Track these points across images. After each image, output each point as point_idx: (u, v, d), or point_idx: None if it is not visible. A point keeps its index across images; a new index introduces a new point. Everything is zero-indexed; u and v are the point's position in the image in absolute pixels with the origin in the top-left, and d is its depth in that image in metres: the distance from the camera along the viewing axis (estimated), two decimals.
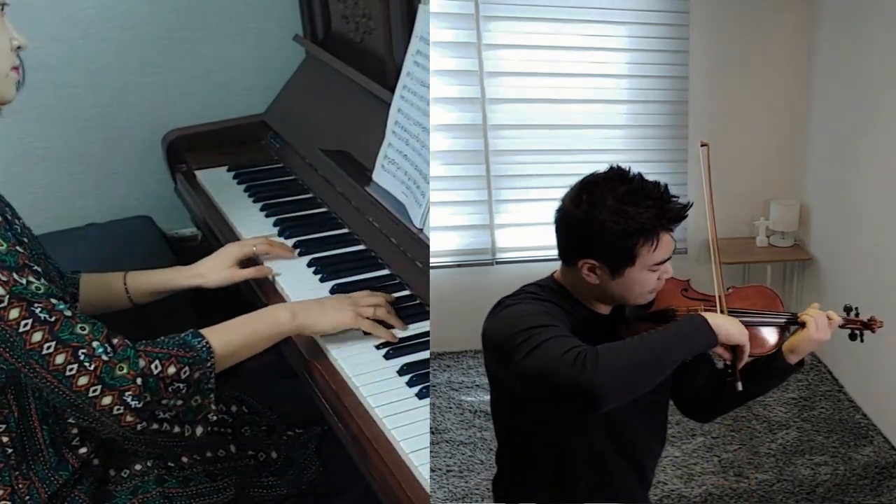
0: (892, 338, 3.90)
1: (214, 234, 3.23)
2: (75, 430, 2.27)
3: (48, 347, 1.98)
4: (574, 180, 2.11)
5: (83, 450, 2.28)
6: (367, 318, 2.47)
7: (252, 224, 3.15)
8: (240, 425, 2.60)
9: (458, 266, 4.87)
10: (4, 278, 1.95)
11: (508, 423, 2.27)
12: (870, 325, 2.41)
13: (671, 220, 2.05)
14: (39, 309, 1.98)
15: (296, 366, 2.53)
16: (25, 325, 1.97)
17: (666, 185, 2.08)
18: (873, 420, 4.21)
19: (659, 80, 4.97)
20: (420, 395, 2.29)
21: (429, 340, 2.51)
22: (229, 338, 2.26)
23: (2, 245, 1.97)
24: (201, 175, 3.51)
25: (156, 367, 2.06)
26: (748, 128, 4.98)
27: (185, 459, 2.41)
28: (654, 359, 1.89)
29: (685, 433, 4.09)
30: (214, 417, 2.20)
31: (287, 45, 3.78)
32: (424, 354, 2.45)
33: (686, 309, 2.22)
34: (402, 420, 2.22)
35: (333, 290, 2.74)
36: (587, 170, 2.10)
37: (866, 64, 4.16)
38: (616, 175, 2.08)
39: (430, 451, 2.15)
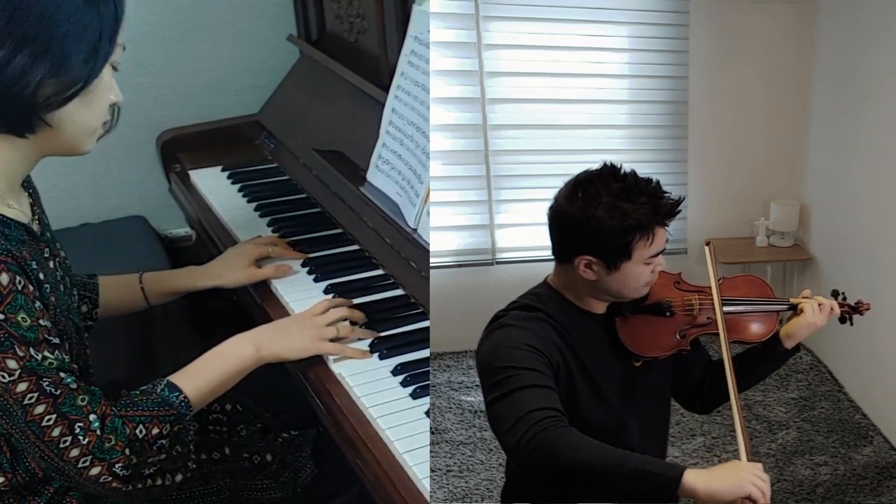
0: (893, 337, 3.92)
1: (209, 234, 3.23)
2: None
3: (48, 420, 1.98)
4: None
5: None
6: (332, 337, 2.46)
7: (246, 224, 3.15)
8: (234, 424, 2.60)
9: (458, 266, 4.86)
10: (21, 353, 1.95)
11: None
12: (858, 308, 2.47)
13: (665, 216, 2.09)
14: (47, 383, 1.98)
15: (290, 366, 2.52)
16: (31, 398, 1.97)
17: (658, 181, 2.12)
18: (873, 420, 4.19)
19: (659, 80, 4.96)
20: (414, 396, 2.29)
21: (424, 339, 2.51)
22: (203, 383, 2.24)
23: (26, 320, 1.96)
24: (195, 175, 3.51)
25: (140, 432, 2.07)
26: (748, 128, 4.97)
27: None
28: (599, 480, 1.81)
29: (685, 433, 4.09)
30: (194, 465, 2.25)
31: (281, 44, 3.78)
32: (420, 354, 2.45)
33: (681, 300, 2.29)
34: (397, 420, 2.22)
35: (327, 290, 2.74)
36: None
37: (866, 65, 4.15)
38: (609, 172, 2.11)
39: (430, 451, 2.14)
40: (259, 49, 3.91)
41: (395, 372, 2.38)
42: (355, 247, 2.98)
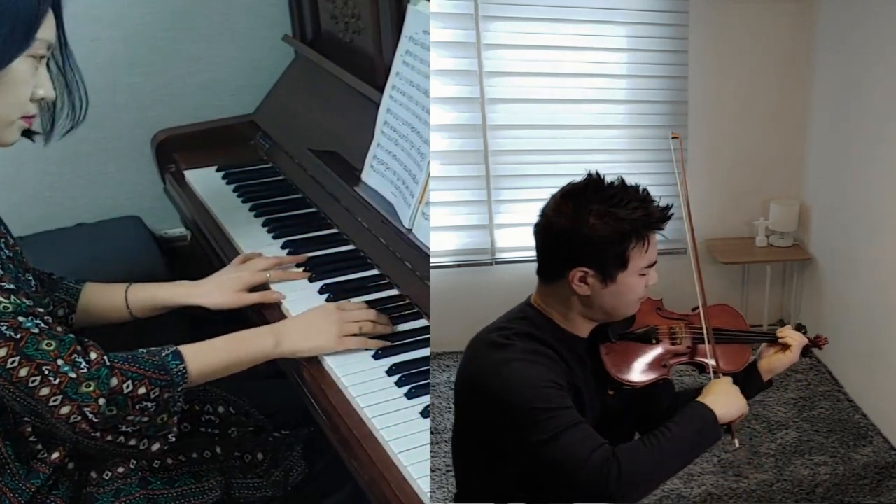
0: (893, 338, 3.91)
1: (204, 234, 3.24)
2: (39, 446, 2.28)
3: (12, 362, 2.01)
4: (575, 180, 2.10)
5: (55, 455, 2.28)
6: (354, 333, 2.47)
7: (241, 224, 3.15)
8: (226, 426, 2.59)
9: (458, 266, 4.85)
10: None
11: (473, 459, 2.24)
12: (816, 342, 2.44)
13: (659, 220, 2.05)
14: (5, 327, 2.00)
15: (285, 366, 2.53)
16: None
17: (646, 188, 2.07)
18: (873, 420, 4.19)
19: (659, 80, 4.94)
20: (409, 396, 2.29)
21: (421, 339, 2.52)
22: (209, 361, 2.28)
23: None
24: (190, 175, 3.51)
25: (127, 387, 2.08)
26: (748, 128, 4.96)
27: (169, 461, 2.41)
28: (673, 467, 1.99)
29: None
30: (174, 438, 2.22)
31: (276, 45, 3.79)
32: (415, 354, 2.46)
33: (667, 328, 2.26)
34: (392, 420, 2.23)
35: (323, 290, 2.74)
36: (587, 170, 2.09)
37: (866, 64, 4.14)
38: (597, 181, 2.07)
39: (430, 451, 2.14)
40: (254, 49, 3.91)
41: (391, 372, 2.38)
42: (351, 247, 2.97)
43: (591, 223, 1.99)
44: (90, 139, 3.72)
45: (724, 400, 2.07)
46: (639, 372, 2.21)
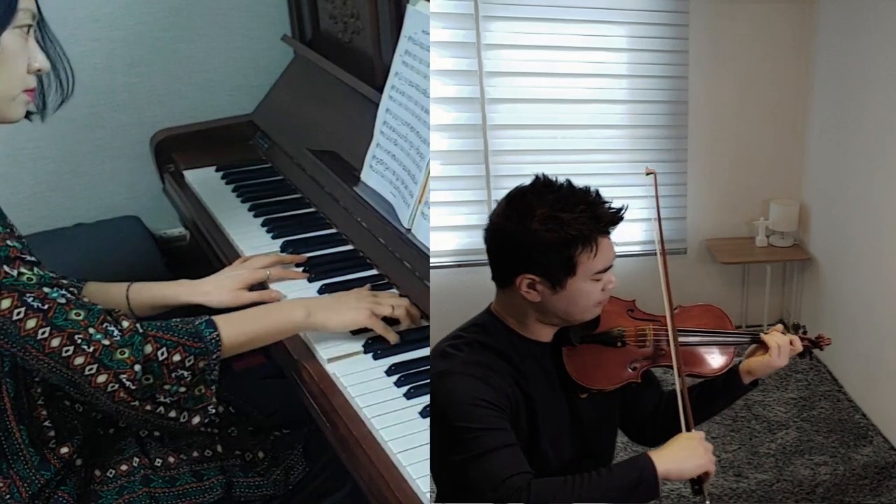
0: (893, 338, 3.91)
1: (203, 234, 3.23)
2: (52, 433, 2.28)
3: (43, 333, 2.02)
4: (574, 180, 2.06)
5: (64, 450, 2.28)
6: (384, 315, 2.49)
7: (240, 224, 3.15)
8: (226, 426, 2.58)
9: (458, 266, 4.85)
10: None
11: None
12: (818, 342, 2.36)
13: (607, 223, 1.99)
14: (31, 298, 2.01)
15: (284, 366, 2.53)
16: (18, 313, 2.00)
17: (597, 190, 2.02)
18: (873, 420, 4.19)
19: (659, 80, 4.94)
20: (408, 396, 2.28)
21: (420, 339, 2.51)
22: (241, 330, 2.30)
23: None
24: (189, 175, 3.51)
25: (161, 354, 2.10)
26: (748, 128, 4.96)
27: (171, 459, 2.41)
28: None
29: None
30: (214, 410, 2.24)
31: (275, 45, 3.79)
32: (415, 354, 2.45)
33: (634, 329, 2.20)
34: (391, 420, 2.21)
35: (321, 291, 2.74)
36: (587, 170, 2.07)
37: (866, 64, 4.14)
38: (543, 184, 2.03)
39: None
40: (253, 49, 3.92)
41: (390, 372, 2.37)
42: (349, 247, 2.97)
43: (534, 229, 1.95)
44: (89, 139, 3.72)
45: (676, 455, 1.94)
46: (604, 375, 2.15)
